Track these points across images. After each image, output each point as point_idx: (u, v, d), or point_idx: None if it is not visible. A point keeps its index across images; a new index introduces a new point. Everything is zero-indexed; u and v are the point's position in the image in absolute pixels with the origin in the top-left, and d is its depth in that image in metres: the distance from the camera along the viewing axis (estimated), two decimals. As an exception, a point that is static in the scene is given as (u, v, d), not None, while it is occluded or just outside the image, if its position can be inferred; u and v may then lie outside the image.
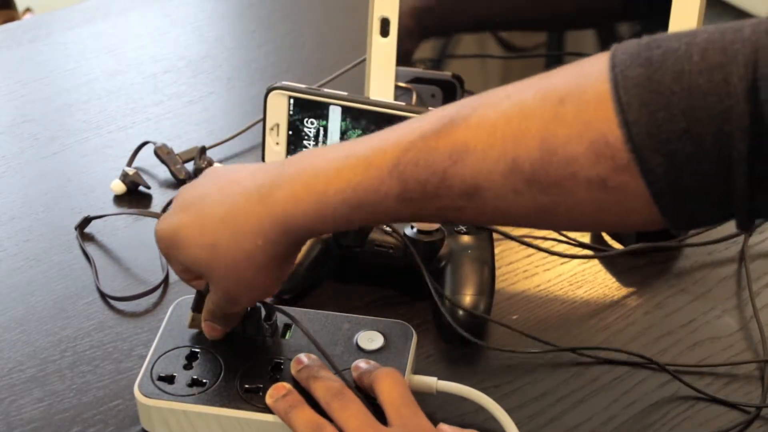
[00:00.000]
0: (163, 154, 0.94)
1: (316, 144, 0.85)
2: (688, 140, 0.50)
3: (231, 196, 0.62)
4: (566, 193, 0.53)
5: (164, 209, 0.90)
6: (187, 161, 0.94)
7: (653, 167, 0.51)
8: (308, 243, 0.80)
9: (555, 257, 0.86)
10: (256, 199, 0.61)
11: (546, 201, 0.54)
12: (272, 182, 0.60)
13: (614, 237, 0.87)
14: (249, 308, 0.71)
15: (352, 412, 0.63)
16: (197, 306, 0.70)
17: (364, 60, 0.93)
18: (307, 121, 0.84)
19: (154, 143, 0.95)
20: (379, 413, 0.63)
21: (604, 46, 0.93)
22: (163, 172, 0.94)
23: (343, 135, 0.83)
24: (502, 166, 0.54)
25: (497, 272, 0.80)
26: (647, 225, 0.55)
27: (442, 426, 0.63)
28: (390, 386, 0.64)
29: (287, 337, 0.71)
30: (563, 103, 0.53)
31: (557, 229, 0.85)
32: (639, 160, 0.51)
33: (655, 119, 0.50)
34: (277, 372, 0.69)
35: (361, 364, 0.68)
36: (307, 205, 0.59)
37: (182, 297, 0.75)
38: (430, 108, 0.81)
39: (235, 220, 0.61)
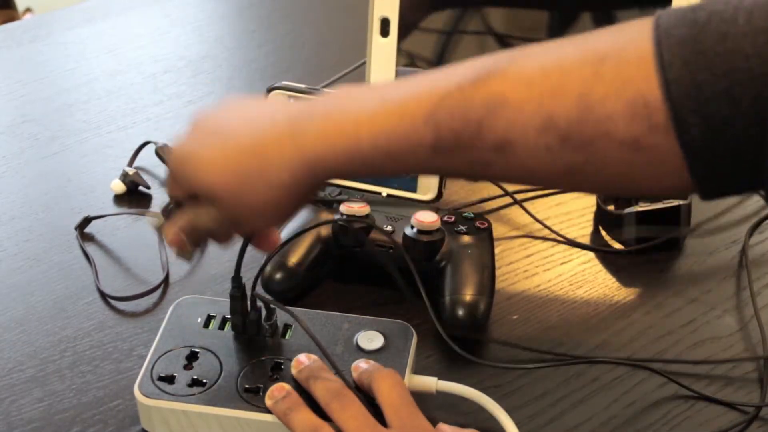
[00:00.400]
0: (165, 154, 0.94)
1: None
2: (727, 102, 0.50)
3: (260, 128, 0.61)
4: (598, 153, 0.53)
5: (164, 209, 0.90)
6: (188, 161, 0.94)
7: (689, 128, 0.51)
8: (308, 243, 0.80)
9: (554, 257, 0.86)
10: (287, 132, 0.60)
11: (577, 160, 0.54)
12: (304, 119, 0.60)
13: (614, 237, 0.87)
14: (250, 308, 0.71)
15: (351, 413, 0.63)
16: (170, 213, 0.67)
17: (364, 63, 0.93)
18: (307, 121, 0.84)
19: (156, 143, 0.95)
20: (379, 414, 0.63)
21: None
22: (163, 173, 0.94)
23: (343, 135, 0.83)
24: (537, 120, 0.53)
25: (497, 272, 0.80)
26: (676, 189, 0.55)
27: (442, 426, 0.63)
28: (389, 387, 0.64)
29: (287, 337, 0.71)
30: (603, 62, 0.52)
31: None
32: (676, 120, 0.51)
33: (696, 79, 0.50)
34: (277, 372, 0.69)
35: (361, 364, 0.68)
36: (338, 147, 0.58)
37: (182, 297, 0.75)
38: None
39: (264, 151, 0.60)
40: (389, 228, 0.80)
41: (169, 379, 0.68)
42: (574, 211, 0.90)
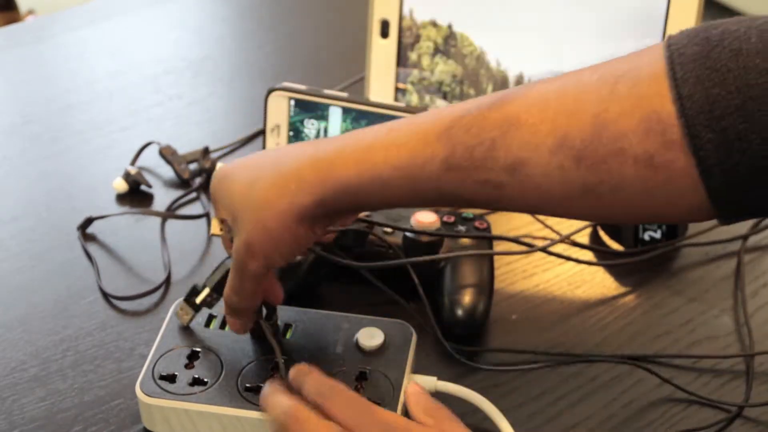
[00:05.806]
0: (167, 154, 0.95)
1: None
2: (741, 117, 0.50)
3: (287, 148, 0.64)
4: (613, 171, 0.53)
5: (167, 209, 0.91)
6: (192, 162, 0.95)
7: (704, 143, 0.51)
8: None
9: (553, 257, 0.86)
10: (308, 146, 0.63)
11: (592, 180, 0.54)
12: (327, 139, 0.63)
13: (613, 237, 0.88)
14: (264, 311, 0.71)
15: (342, 399, 0.59)
16: (188, 297, 0.72)
17: (362, 79, 0.93)
18: (307, 122, 0.85)
19: (159, 143, 0.95)
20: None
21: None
22: (165, 173, 0.95)
23: (344, 136, 0.84)
24: (551, 140, 0.54)
25: (496, 272, 0.81)
26: (693, 213, 0.54)
27: (413, 387, 0.64)
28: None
29: (287, 336, 0.72)
30: (618, 81, 0.53)
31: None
32: (690, 135, 0.51)
33: (710, 95, 0.50)
34: (277, 371, 0.69)
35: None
36: (351, 156, 0.59)
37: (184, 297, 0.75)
38: (429, 108, 0.82)
39: (281, 160, 0.62)
40: (389, 228, 0.80)
41: (171, 378, 0.69)
42: (573, 212, 0.91)
